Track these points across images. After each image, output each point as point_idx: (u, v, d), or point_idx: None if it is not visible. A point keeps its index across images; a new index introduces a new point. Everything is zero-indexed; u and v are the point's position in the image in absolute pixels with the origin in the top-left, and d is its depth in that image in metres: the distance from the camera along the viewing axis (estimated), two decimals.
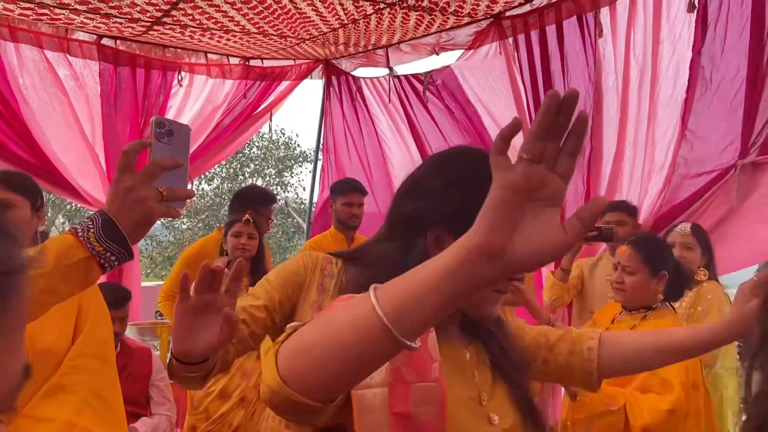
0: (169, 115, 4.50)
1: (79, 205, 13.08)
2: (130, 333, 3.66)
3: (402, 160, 5.12)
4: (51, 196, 13.42)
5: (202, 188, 15.22)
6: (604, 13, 3.33)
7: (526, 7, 3.65)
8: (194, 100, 4.62)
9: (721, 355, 2.57)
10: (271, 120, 5.09)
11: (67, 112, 4.12)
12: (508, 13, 3.76)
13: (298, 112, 12.46)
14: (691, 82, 2.81)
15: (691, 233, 2.65)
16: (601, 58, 3.34)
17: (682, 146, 2.75)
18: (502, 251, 0.60)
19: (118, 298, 2.69)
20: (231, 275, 0.99)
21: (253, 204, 3.39)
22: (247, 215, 3.13)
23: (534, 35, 3.62)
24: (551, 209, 0.61)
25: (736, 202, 2.54)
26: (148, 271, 15.36)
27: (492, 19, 3.83)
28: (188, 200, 1.03)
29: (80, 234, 0.97)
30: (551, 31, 3.55)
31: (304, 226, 9.67)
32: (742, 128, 2.62)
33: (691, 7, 2.90)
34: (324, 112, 5.49)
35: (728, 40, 2.72)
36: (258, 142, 15.93)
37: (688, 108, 2.78)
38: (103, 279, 1.26)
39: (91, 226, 0.97)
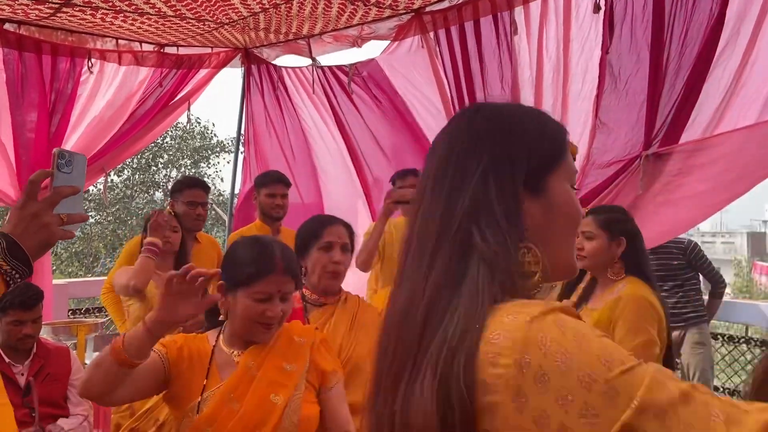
0: (80, 103, 4.29)
1: None
2: (44, 333, 3.48)
3: (326, 150, 5.13)
4: None
5: (112, 180, 14.50)
6: (519, 11, 3.49)
7: (445, 3, 3.76)
8: (106, 88, 4.41)
9: None
10: (189, 110, 4.95)
11: None
12: (428, 8, 3.85)
13: (215, 101, 12.12)
14: (601, 79, 3.01)
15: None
16: (516, 54, 3.49)
17: (595, 138, 2.95)
18: None
19: (29, 299, 2.58)
20: None
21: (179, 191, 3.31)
22: (168, 207, 3.05)
23: (453, 31, 3.74)
24: None
25: (641, 189, 2.75)
26: (54, 267, 14.52)
27: (413, 14, 3.90)
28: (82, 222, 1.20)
29: None
30: (469, 27, 3.67)
31: (225, 217, 9.46)
32: (645, 121, 2.84)
33: (596, 8, 3.09)
34: (245, 102, 5.40)
35: (633, 39, 2.93)
36: (172, 132, 15.34)
37: (598, 102, 2.98)
38: None
39: None
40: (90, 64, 4.30)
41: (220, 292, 1.61)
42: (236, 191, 5.63)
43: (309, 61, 4.88)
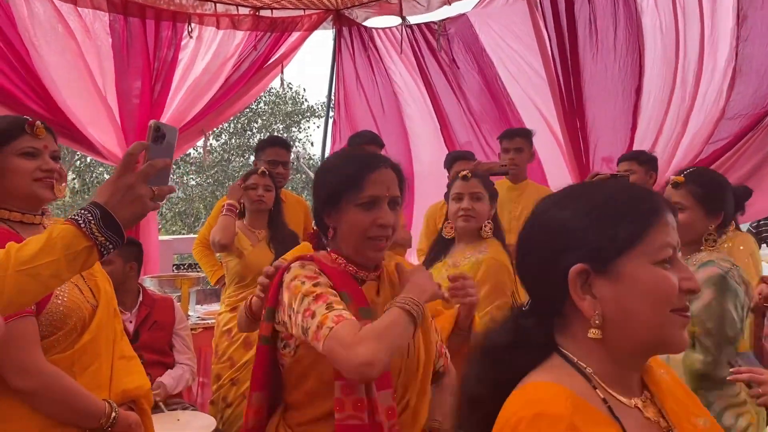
0: (180, 68, 4.45)
1: (89, 160, 13.11)
2: (150, 286, 3.71)
3: (417, 112, 5.05)
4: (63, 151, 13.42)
5: (211, 144, 15.16)
6: None
7: None
8: (204, 52, 4.55)
9: None
10: (282, 73, 5.02)
11: (79, 65, 4.08)
12: None
13: (306, 67, 12.27)
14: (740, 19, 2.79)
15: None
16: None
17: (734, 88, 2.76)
18: None
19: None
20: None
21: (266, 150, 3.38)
22: (262, 167, 3.11)
23: None
24: None
25: None
26: (159, 227, 15.47)
27: None
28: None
29: (82, 225, 1.10)
30: None
31: None
32: None
33: None
34: (335, 64, 5.40)
35: None
36: (265, 98, 15.74)
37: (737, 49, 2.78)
38: None
39: (92, 218, 1.10)
40: (190, 29, 4.45)
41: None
42: (327, 154, 5.70)
43: (399, 21, 4.79)
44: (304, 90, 19.18)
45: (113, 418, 1.43)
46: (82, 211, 1.11)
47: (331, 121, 5.77)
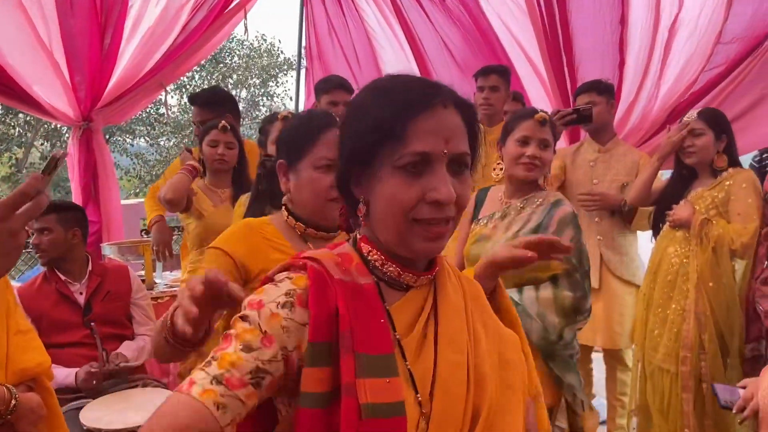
0: (131, 16, 4.10)
1: (57, 125, 12.63)
2: (111, 253, 3.48)
3: (394, 57, 4.77)
4: (28, 116, 12.92)
5: (184, 102, 14.67)
6: None
7: None
8: None
9: None
10: (246, 19, 4.66)
11: (20, 19, 3.72)
12: None
13: (279, 17, 11.77)
14: None
15: (698, 117, 2.50)
16: None
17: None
18: None
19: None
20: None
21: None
22: (223, 122, 2.83)
23: None
24: None
25: None
26: (137, 190, 15.13)
27: None
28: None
29: None
30: None
31: None
32: None
33: None
34: (304, 10, 5.06)
35: None
36: (239, 51, 15.19)
37: None
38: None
39: None
40: None
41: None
42: (301, 107, 5.40)
43: None
44: (280, 41, 18.58)
45: (12, 405, 1.30)
46: None
47: (304, 71, 5.47)
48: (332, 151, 1.29)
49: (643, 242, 2.93)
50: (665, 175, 2.76)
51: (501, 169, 2.01)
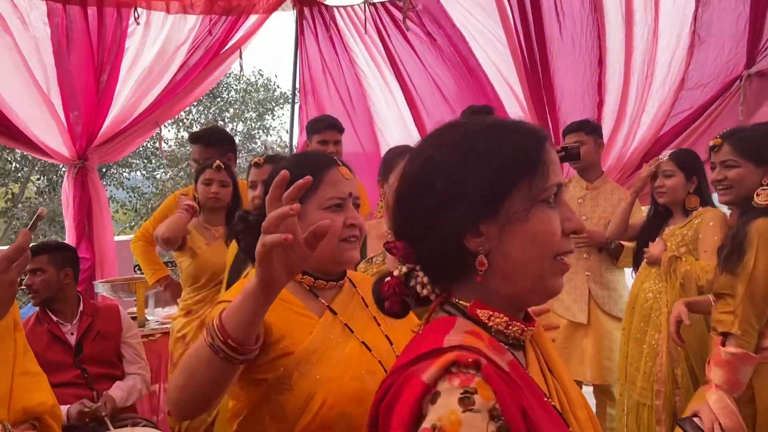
0: (128, 56, 4.18)
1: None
2: (103, 291, 3.49)
3: (381, 95, 4.85)
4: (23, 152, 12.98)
5: (182, 136, 14.78)
6: None
7: None
8: (154, 39, 4.27)
9: None
10: (241, 57, 4.76)
11: (15, 59, 3.79)
12: None
13: (275, 52, 11.96)
14: None
15: (669, 158, 2.59)
16: None
17: (693, 57, 2.58)
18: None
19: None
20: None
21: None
22: (217, 161, 2.89)
23: None
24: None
25: (741, 115, 2.36)
26: (133, 223, 15.11)
27: None
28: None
29: None
30: None
31: None
32: (747, 37, 2.40)
33: None
34: (299, 48, 5.16)
35: None
36: (236, 86, 15.36)
37: (696, 15, 2.59)
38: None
39: None
40: (136, 15, 4.17)
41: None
42: (295, 142, 5.47)
43: None
44: (276, 76, 18.77)
45: None
46: None
47: (297, 107, 5.55)
48: (340, 190, 1.24)
49: (630, 279, 2.97)
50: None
51: None
